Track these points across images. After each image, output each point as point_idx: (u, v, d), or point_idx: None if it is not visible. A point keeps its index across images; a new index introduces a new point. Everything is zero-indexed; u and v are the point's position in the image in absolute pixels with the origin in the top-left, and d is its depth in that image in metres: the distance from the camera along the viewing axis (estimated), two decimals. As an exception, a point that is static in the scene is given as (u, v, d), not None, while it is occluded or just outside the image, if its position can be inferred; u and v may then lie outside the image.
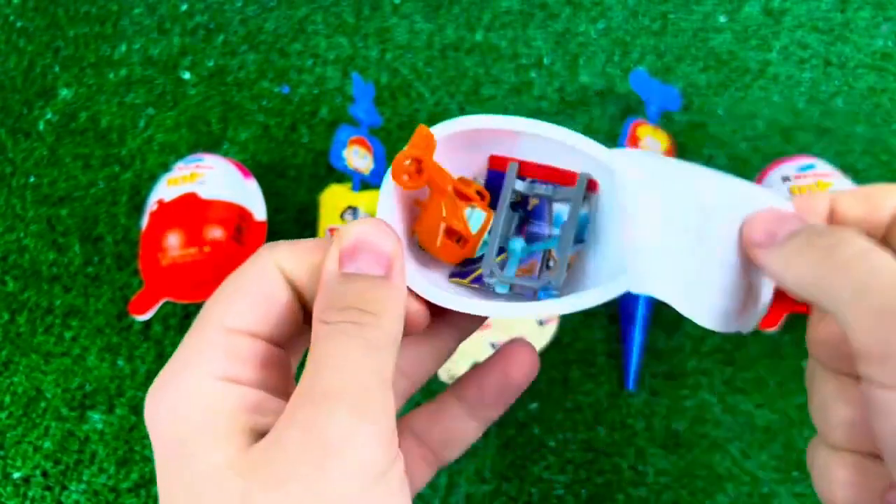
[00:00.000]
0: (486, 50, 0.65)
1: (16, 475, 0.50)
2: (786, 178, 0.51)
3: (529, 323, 0.48)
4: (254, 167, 0.60)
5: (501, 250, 0.28)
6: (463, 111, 0.62)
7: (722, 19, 0.65)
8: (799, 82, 0.61)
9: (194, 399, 0.21)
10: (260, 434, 0.21)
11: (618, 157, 0.27)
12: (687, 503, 0.46)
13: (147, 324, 0.55)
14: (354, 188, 0.55)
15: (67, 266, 0.58)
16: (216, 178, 0.53)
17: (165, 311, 0.55)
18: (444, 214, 0.27)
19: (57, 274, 0.57)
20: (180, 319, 0.55)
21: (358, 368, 0.20)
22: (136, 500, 0.49)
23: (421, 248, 0.28)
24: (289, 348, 0.24)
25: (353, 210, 0.54)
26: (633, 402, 0.50)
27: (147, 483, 0.49)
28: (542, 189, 0.28)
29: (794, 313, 0.49)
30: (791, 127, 0.59)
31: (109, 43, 0.67)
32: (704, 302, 0.26)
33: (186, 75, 0.65)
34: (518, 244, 0.29)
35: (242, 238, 0.52)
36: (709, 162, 0.58)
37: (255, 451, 0.20)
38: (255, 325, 0.23)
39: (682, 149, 0.59)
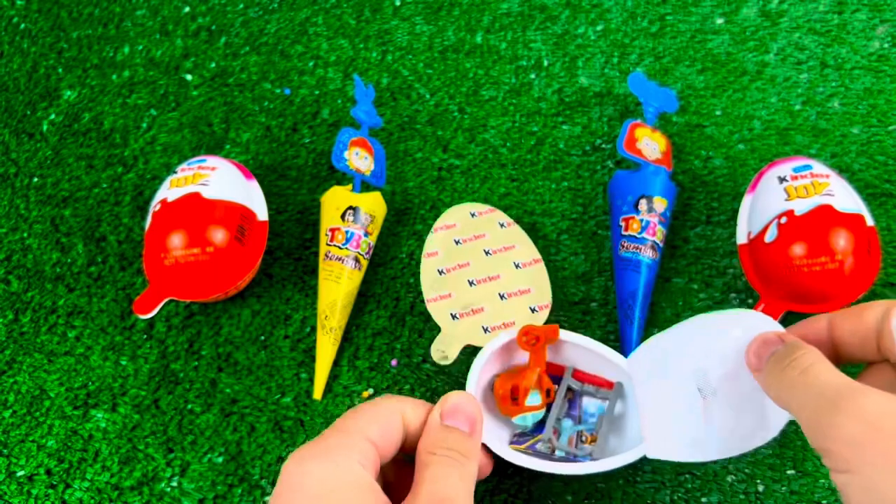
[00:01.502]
0: (486, 52, 0.65)
1: (20, 473, 0.51)
2: (782, 179, 0.51)
3: (522, 311, 0.49)
4: (256, 168, 0.61)
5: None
6: (463, 112, 0.62)
7: (719, 21, 0.65)
8: (796, 84, 0.61)
9: (345, 471, 0.31)
10: None
11: (632, 364, 0.42)
12: (682, 502, 0.47)
13: (150, 323, 0.55)
14: (355, 189, 0.55)
15: (71, 266, 0.58)
16: (219, 179, 0.53)
17: (168, 310, 0.55)
18: (524, 381, 0.44)
19: (60, 274, 0.58)
20: (183, 319, 0.55)
21: (459, 487, 0.33)
22: (139, 497, 0.49)
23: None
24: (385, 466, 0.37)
25: (354, 210, 0.54)
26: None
27: (149, 481, 0.50)
28: (589, 389, 0.46)
29: (791, 311, 0.50)
30: (788, 128, 0.60)
31: (112, 45, 0.68)
32: (712, 444, 0.37)
33: (189, 77, 0.66)
34: (568, 423, 0.46)
35: (245, 238, 0.52)
36: (706, 163, 0.59)
37: None
38: (380, 443, 0.34)
39: (680, 150, 0.59)
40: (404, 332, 0.54)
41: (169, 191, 0.53)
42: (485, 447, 0.41)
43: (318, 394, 0.52)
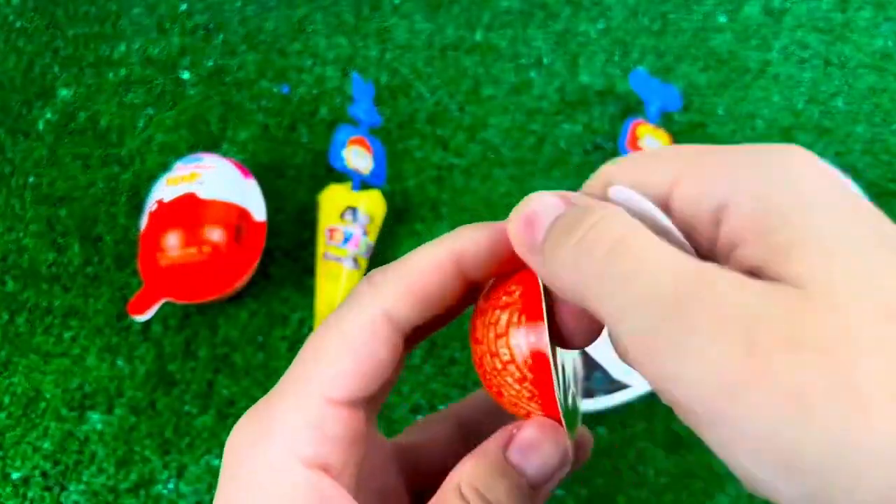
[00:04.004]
0: (486, 50, 0.65)
1: (15, 476, 0.50)
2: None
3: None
4: (253, 167, 0.60)
5: None
6: (463, 111, 0.62)
7: (722, 19, 0.65)
8: (799, 82, 0.61)
9: (274, 480, 0.19)
10: None
11: None
12: None
13: (146, 324, 0.55)
14: (354, 188, 0.55)
15: (67, 266, 0.57)
16: (215, 178, 0.53)
17: (165, 311, 0.55)
18: None
19: (56, 274, 0.57)
20: (180, 320, 0.55)
21: None
22: (136, 500, 0.49)
23: None
24: (370, 408, 0.22)
25: (353, 210, 0.53)
26: (634, 402, 0.50)
27: (146, 483, 0.49)
28: None
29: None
30: (791, 127, 0.59)
31: (109, 43, 0.67)
32: None
33: (186, 75, 0.65)
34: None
35: (242, 238, 0.52)
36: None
37: None
38: (357, 392, 0.20)
39: (682, 149, 0.59)
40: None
41: (165, 190, 0.53)
42: None
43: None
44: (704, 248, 0.18)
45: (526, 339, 0.19)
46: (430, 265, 0.21)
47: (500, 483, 0.20)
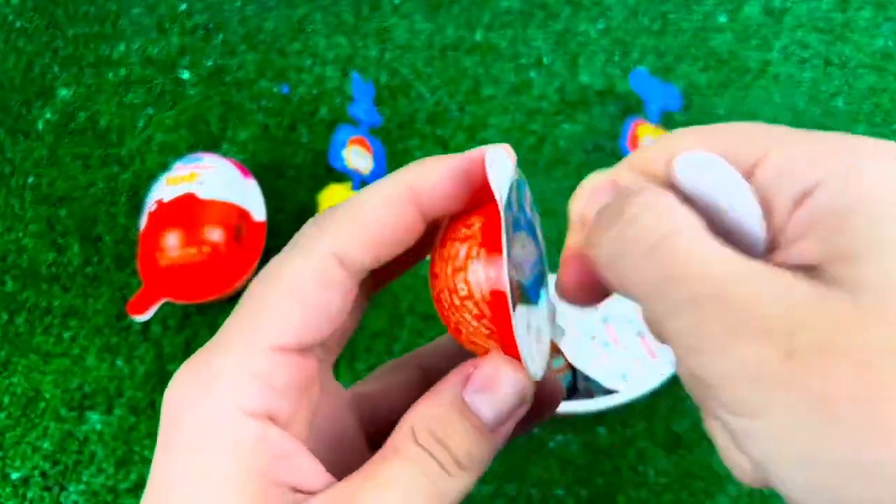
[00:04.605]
0: (486, 50, 0.65)
1: (14, 476, 0.50)
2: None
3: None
4: (253, 167, 0.60)
5: None
6: (463, 111, 0.62)
7: (722, 19, 0.65)
8: (799, 82, 0.61)
9: (218, 435, 0.18)
10: (272, 485, 0.18)
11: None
12: (687, 504, 0.46)
13: (146, 324, 0.54)
14: (354, 188, 0.55)
15: (66, 266, 0.57)
16: (215, 178, 0.53)
17: (164, 311, 0.55)
18: None
19: (56, 274, 0.57)
20: (179, 320, 0.55)
21: None
22: (135, 500, 0.49)
23: None
24: (321, 352, 0.21)
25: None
26: (634, 403, 0.50)
27: (146, 484, 0.49)
28: None
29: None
30: (792, 126, 0.59)
31: (108, 43, 0.67)
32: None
33: (186, 75, 0.65)
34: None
35: (242, 238, 0.52)
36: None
37: None
38: (305, 339, 0.19)
39: (683, 149, 0.59)
40: (403, 333, 0.53)
41: (165, 190, 0.52)
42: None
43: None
44: (773, 230, 0.17)
45: (485, 274, 0.18)
46: (384, 202, 0.19)
47: (456, 424, 0.19)
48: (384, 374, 0.25)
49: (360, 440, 0.23)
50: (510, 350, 0.19)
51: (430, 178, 0.19)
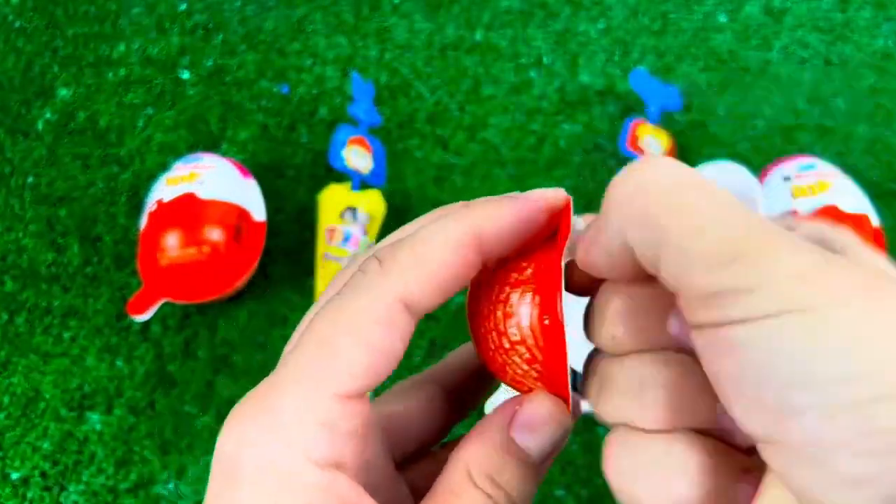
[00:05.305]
0: (486, 49, 0.65)
1: (14, 476, 0.50)
2: (787, 178, 0.51)
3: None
4: (253, 167, 0.60)
5: None
6: (463, 111, 0.62)
7: (722, 19, 0.64)
8: (799, 82, 0.61)
9: (285, 483, 0.17)
10: None
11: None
12: None
13: (146, 324, 0.54)
14: (354, 188, 0.55)
15: (66, 266, 0.57)
16: (215, 178, 0.53)
17: (164, 311, 0.55)
18: None
19: (56, 274, 0.57)
20: (179, 320, 0.55)
21: None
22: (135, 500, 0.49)
23: None
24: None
25: (353, 210, 0.53)
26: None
27: (146, 484, 0.49)
28: None
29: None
30: (792, 127, 0.59)
31: (108, 42, 0.67)
32: None
33: (185, 75, 0.65)
34: None
35: (241, 238, 0.52)
36: (710, 161, 0.58)
37: None
38: (370, 385, 0.18)
39: (683, 149, 0.59)
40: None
41: (165, 190, 0.52)
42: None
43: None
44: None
45: (540, 323, 0.19)
46: (449, 245, 0.19)
47: (507, 464, 0.19)
48: (404, 392, 0.25)
49: (388, 463, 0.23)
50: (557, 390, 0.20)
51: (496, 222, 0.19)
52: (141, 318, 0.51)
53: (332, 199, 0.54)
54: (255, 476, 0.17)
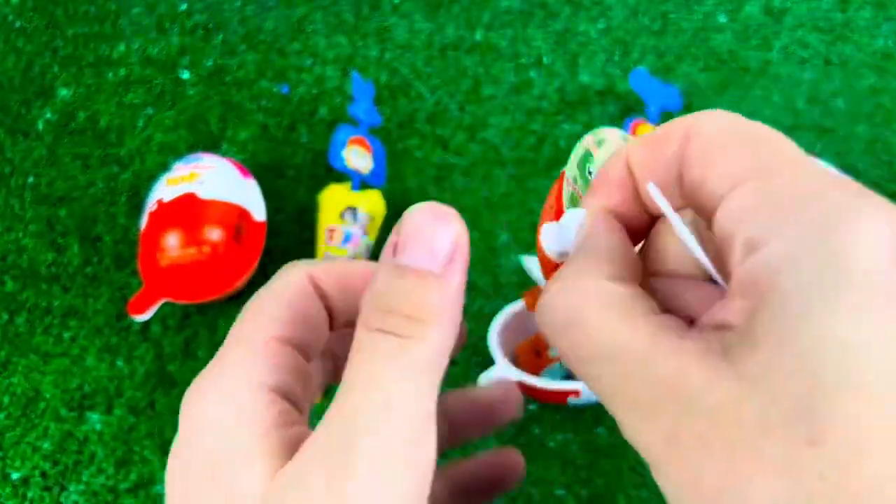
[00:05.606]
0: (486, 49, 0.65)
1: (14, 476, 0.50)
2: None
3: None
4: (253, 167, 0.60)
5: None
6: (463, 111, 0.62)
7: (722, 19, 0.64)
8: (799, 82, 0.61)
9: (236, 406, 0.19)
10: (287, 447, 0.19)
11: None
12: None
13: (146, 324, 0.54)
14: (354, 188, 0.55)
15: (66, 266, 0.57)
16: (215, 178, 0.53)
17: (164, 311, 0.55)
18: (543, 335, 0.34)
19: (56, 274, 0.57)
20: (179, 320, 0.55)
21: (400, 396, 0.17)
22: (135, 500, 0.49)
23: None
24: (312, 358, 0.23)
25: (353, 210, 0.53)
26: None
27: (146, 484, 0.49)
28: None
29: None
30: (792, 127, 0.59)
31: (108, 42, 0.67)
32: None
33: (185, 75, 0.65)
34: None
35: (241, 238, 0.52)
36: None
37: (282, 482, 0.18)
38: (292, 335, 0.21)
39: (683, 148, 0.59)
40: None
41: (165, 190, 0.52)
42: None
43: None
44: (730, 272, 0.16)
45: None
46: (349, 261, 0.23)
47: (397, 287, 0.18)
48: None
49: None
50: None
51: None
52: (141, 318, 0.51)
53: (332, 199, 0.54)
54: (207, 409, 0.20)
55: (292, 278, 0.22)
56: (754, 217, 0.16)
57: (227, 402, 0.19)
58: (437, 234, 0.19)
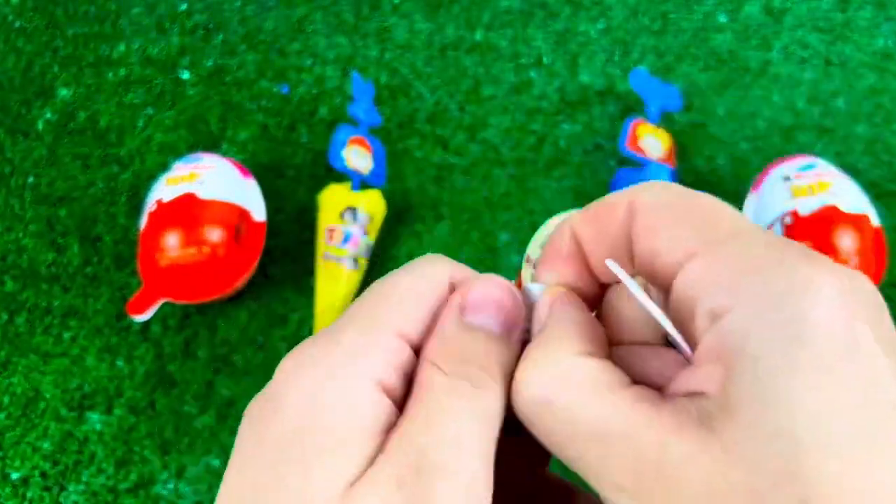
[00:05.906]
0: (486, 49, 0.65)
1: (14, 476, 0.50)
2: (786, 178, 0.50)
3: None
4: (253, 167, 0.60)
5: None
6: (463, 111, 0.62)
7: (722, 19, 0.64)
8: (799, 82, 0.61)
9: (344, 396, 0.18)
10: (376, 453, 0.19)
11: None
12: None
13: (146, 324, 0.54)
14: (354, 188, 0.55)
15: (66, 266, 0.57)
16: (215, 178, 0.53)
17: (164, 311, 0.55)
18: None
19: (56, 274, 0.57)
20: (179, 320, 0.55)
21: (465, 437, 0.18)
22: (135, 500, 0.49)
23: None
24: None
25: (353, 210, 0.53)
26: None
27: (146, 484, 0.49)
28: None
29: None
30: (791, 127, 0.59)
31: (108, 42, 0.67)
32: None
33: (185, 75, 0.65)
34: None
35: (241, 238, 0.52)
36: (709, 161, 0.58)
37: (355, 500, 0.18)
38: (419, 336, 0.20)
39: (683, 149, 0.59)
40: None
41: (165, 190, 0.52)
42: None
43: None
44: (695, 340, 0.17)
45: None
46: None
47: (469, 340, 0.20)
48: None
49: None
50: None
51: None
52: (141, 318, 0.51)
53: (332, 199, 0.54)
54: (321, 397, 0.18)
55: (437, 275, 0.21)
56: (714, 286, 0.16)
57: (343, 393, 0.18)
58: (501, 299, 0.20)
